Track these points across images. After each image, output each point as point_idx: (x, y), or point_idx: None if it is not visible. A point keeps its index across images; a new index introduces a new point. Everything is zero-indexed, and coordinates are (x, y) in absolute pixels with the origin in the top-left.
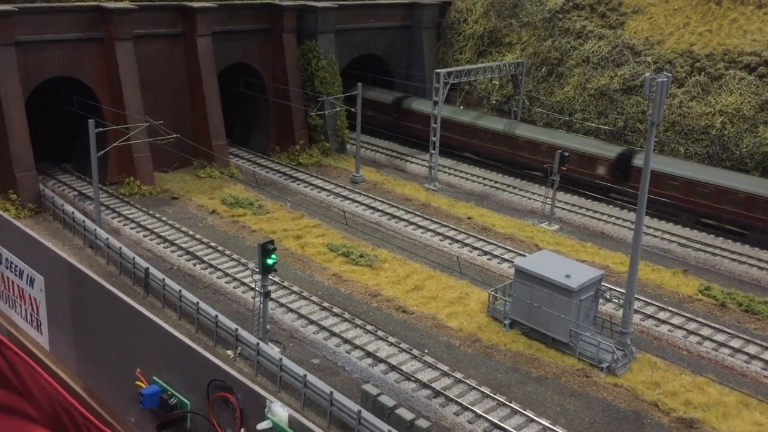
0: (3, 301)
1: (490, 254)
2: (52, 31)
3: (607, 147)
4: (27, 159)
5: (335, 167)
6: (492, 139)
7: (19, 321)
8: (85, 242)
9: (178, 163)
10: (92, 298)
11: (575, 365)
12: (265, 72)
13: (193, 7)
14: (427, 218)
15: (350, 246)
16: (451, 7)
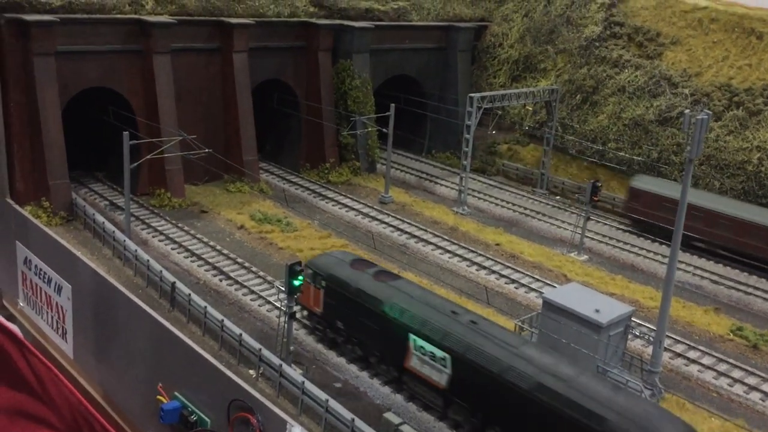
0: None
1: (518, 283)
2: (92, 42)
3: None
4: (61, 167)
5: (364, 186)
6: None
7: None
8: (114, 253)
9: (209, 176)
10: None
11: None
12: (299, 89)
13: (231, 23)
14: (455, 243)
15: None
16: (487, 31)
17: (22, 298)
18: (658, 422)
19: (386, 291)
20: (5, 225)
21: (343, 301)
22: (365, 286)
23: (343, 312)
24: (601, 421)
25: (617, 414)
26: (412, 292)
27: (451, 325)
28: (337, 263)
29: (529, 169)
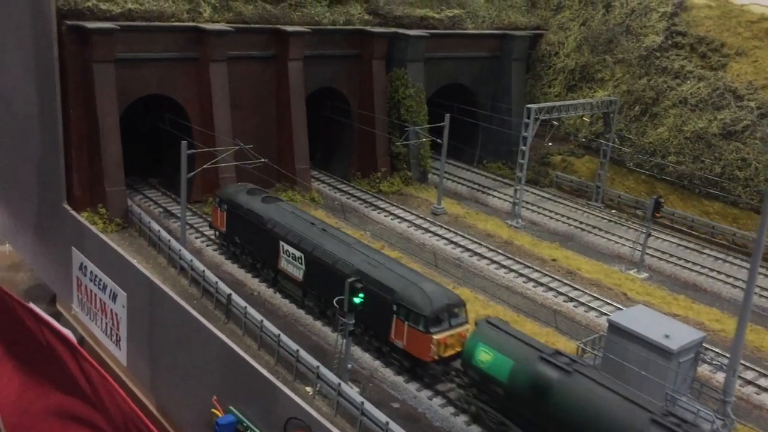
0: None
1: (576, 301)
2: (150, 49)
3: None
4: (118, 174)
5: (416, 197)
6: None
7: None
8: (168, 261)
9: (261, 184)
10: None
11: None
12: (352, 97)
13: (287, 30)
14: (510, 257)
15: None
16: (543, 40)
17: (76, 303)
18: (423, 284)
19: (268, 210)
20: (62, 230)
21: (239, 220)
22: (253, 206)
23: (239, 229)
24: (392, 291)
25: (401, 286)
26: (287, 210)
27: (306, 231)
28: (237, 190)
29: (583, 181)
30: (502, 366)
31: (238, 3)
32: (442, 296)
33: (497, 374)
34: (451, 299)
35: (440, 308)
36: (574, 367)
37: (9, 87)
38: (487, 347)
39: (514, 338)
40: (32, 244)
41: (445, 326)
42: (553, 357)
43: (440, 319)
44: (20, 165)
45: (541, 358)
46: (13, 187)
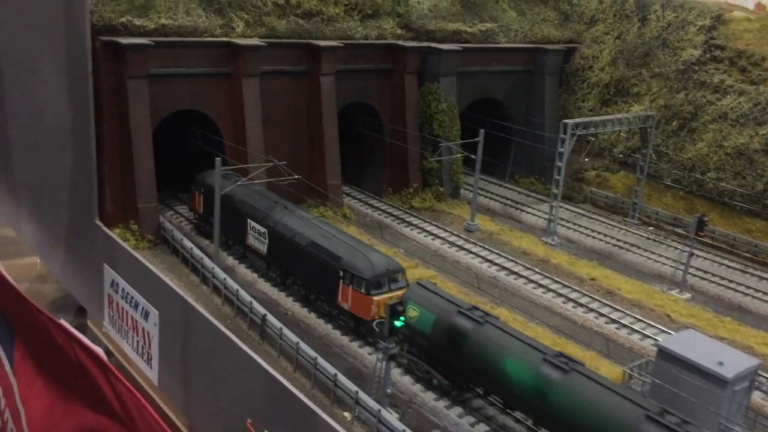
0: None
1: (618, 323)
2: (183, 65)
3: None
4: (150, 190)
5: (449, 213)
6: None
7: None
8: (201, 279)
9: (292, 200)
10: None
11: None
12: (384, 112)
13: (320, 45)
14: (548, 276)
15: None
16: (576, 53)
17: (108, 320)
18: (368, 253)
19: (237, 191)
20: (94, 247)
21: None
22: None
23: (213, 209)
24: (339, 259)
25: (348, 254)
26: (254, 191)
27: (269, 209)
28: (212, 175)
29: (618, 197)
30: (427, 320)
31: (271, 18)
32: (383, 263)
33: (423, 328)
34: (392, 266)
35: (381, 273)
36: (486, 319)
37: (42, 101)
38: (415, 305)
39: (438, 296)
40: (63, 260)
41: (384, 289)
42: (469, 311)
43: (380, 282)
44: (51, 179)
45: (459, 312)
46: (43, 202)
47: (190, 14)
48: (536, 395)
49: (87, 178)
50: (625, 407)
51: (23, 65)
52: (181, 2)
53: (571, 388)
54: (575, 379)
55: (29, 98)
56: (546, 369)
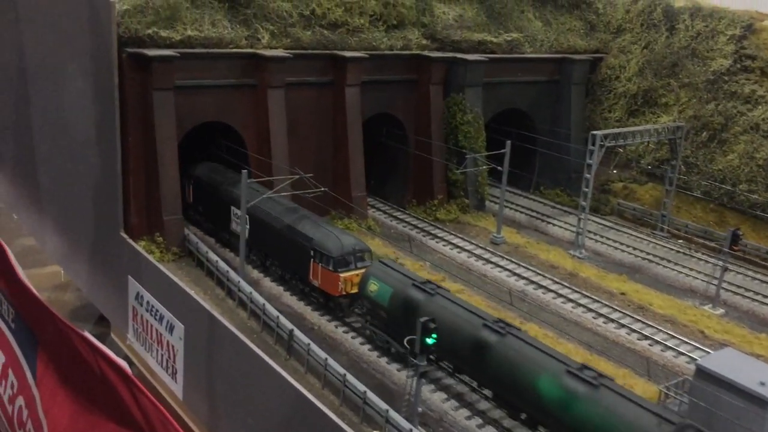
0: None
1: (651, 339)
2: (208, 76)
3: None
4: (175, 202)
5: (474, 225)
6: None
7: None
8: (226, 293)
9: (316, 212)
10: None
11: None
12: (408, 123)
13: (345, 56)
14: (577, 291)
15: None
16: (603, 63)
17: (132, 333)
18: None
19: (222, 181)
20: (118, 259)
21: (201, 191)
22: (211, 179)
23: (201, 198)
24: (311, 239)
25: (319, 236)
26: (236, 179)
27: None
28: (200, 167)
29: (647, 209)
30: (385, 293)
31: (296, 29)
32: (349, 243)
33: (381, 300)
34: (358, 246)
35: (347, 252)
36: (437, 291)
37: (68, 113)
38: (375, 279)
39: (395, 271)
40: (87, 272)
41: (351, 267)
42: (422, 284)
43: (347, 261)
44: (76, 190)
45: (413, 285)
46: (68, 213)
47: (216, 26)
48: (476, 356)
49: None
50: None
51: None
52: (207, 14)
53: (506, 346)
54: (509, 341)
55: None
56: (485, 332)
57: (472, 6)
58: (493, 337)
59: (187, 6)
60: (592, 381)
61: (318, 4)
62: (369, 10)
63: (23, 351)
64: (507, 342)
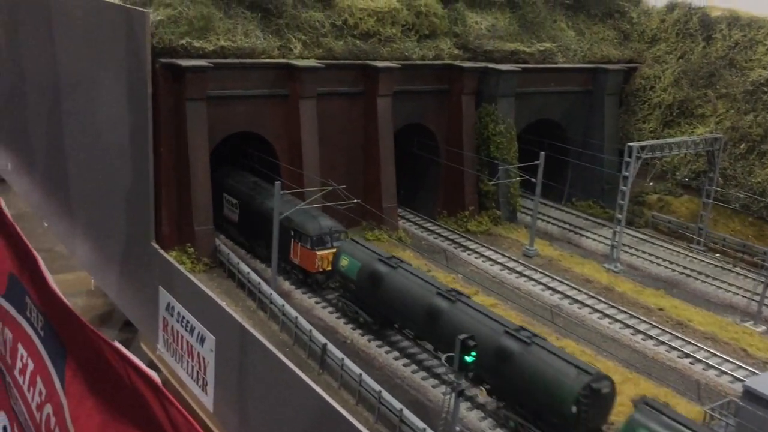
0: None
1: (692, 357)
2: (241, 86)
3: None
4: (206, 213)
5: (506, 237)
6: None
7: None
8: (258, 305)
9: (346, 222)
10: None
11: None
12: (440, 134)
13: (377, 66)
14: (613, 306)
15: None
16: (637, 73)
17: (162, 343)
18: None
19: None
20: (149, 269)
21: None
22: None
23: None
24: (291, 221)
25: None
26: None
27: (241, 183)
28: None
29: (682, 222)
30: (354, 267)
31: (328, 39)
32: (326, 224)
33: (351, 274)
34: (334, 227)
35: (324, 232)
36: (399, 265)
37: (101, 122)
38: (346, 255)
39: (364, 248)
40: (117, 281)
41: (328, 246)
42: (387, 259)
43: (324, 240)
44: (108, 200)
45: (378, 260)
46: (99, 222)
47: (249, 36)
48: (429, 321)
49: (144, 200)
50: None
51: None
52: (240, 24)
53: (456, 311)
54: (459, 306)
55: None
56: (438, 299)
57: (505, 15)
58: (445, 304)
59: (221, 16)
60: (526, 340)
61: (350, 14)
62: (401, 20)
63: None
64: (457, 307)
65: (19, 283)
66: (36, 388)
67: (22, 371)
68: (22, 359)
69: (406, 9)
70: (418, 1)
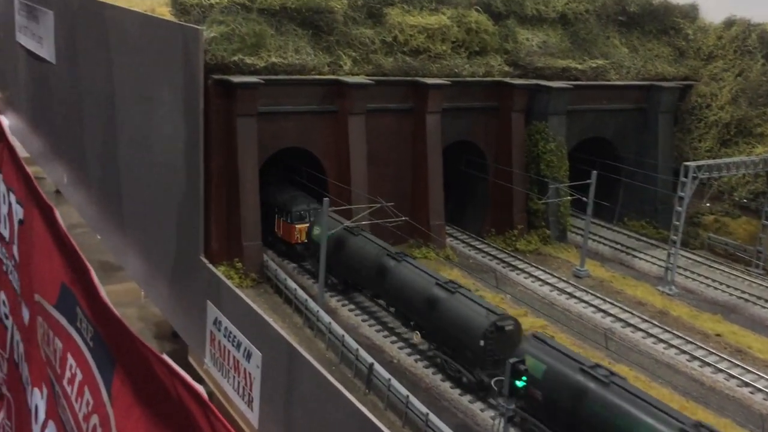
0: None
1: (752, 386)
2: (291, 102)
3: None
4: (255, 228)
5: (555, 257)
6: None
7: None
8: (304, 322)
9: (393, 240)
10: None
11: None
12: (488, 151)
13: (427, 83)
14: (668, 330)
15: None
16: (693, 91)
17: (209, 358)
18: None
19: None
20: (198, 283)
21: None
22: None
23: None
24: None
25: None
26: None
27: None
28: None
29: (740, 244)
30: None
31: (378, 56)
32: (304, 202)
33: (320, 241)
34: (311, 204)
35: (302, 209)
36: (361, 233)
37: (154, 138)
38: (318, 225)
39: (333, 219)
40: (167, 295)
41: (306, 221)
42: (351, 229)
43: (302, 215)
44: (159, 214)
45: (344, 229)
46: (150, 235)
47: (299, 52)
48: (378, 277)
49: (194, 214)
50: None
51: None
52: (290, 41)
53: (400, 269)
54: (402, 266)
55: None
56: (386, 259)
57: (557, 32)
58: (392, 263)
59: (272, 33)
60: (450, 289)
61: (400, 31)
62: (451, 36)
63: (100, 369)
64: (401, 266)
65: (71, 293)
66: (84, 398)
67: (70, 381)
68: (71, 369)
69: (457, 26)
70: (469, 18)
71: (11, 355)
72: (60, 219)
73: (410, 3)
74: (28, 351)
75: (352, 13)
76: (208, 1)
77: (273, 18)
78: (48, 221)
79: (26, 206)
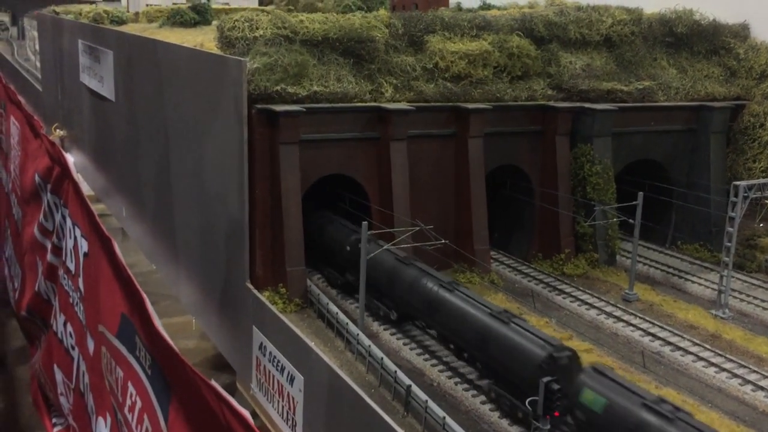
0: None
1: None
2: (333, 130)
3: None
4: (298, 254)
5: (604, 281)
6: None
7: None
8: (346, 346)
9: (438, 265)
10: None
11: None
12: (533, 175)
13: (468, 108)
14: (720, 354)
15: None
16: (745, 111)
17: (255, 382)
18: None
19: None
20: (244, 309)
21: None
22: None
23: None
24: None
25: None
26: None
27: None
28: None
29: None
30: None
31: (419, 82)
32: None
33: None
34: None
35: None
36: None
37: (203, 167)
38: None
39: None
40: (216, 321)
41: None
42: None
43: None
44: (209, 243)
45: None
46: (201, 264)
47: (341, 81)
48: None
49: (240, 241)
50: None
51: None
52: (332, 70)
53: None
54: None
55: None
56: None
57: (601, 55)
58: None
59: (314, 63)
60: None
61: (441, 58)
62: (493, 61)
63: (157, 397)
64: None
65: (130, 323)
66: (143, 425)
67: (131, 409)
68: (131, 397)
69: (498, 51)
70: (511, 43)
71: (77, 385)
72: (118, 250)
73: (451, 30)
74: (93, 380)
75: (393, 42)
76: (253, 34)
77: (315, 48)
78: (108, 253)
79: (90, 240)
